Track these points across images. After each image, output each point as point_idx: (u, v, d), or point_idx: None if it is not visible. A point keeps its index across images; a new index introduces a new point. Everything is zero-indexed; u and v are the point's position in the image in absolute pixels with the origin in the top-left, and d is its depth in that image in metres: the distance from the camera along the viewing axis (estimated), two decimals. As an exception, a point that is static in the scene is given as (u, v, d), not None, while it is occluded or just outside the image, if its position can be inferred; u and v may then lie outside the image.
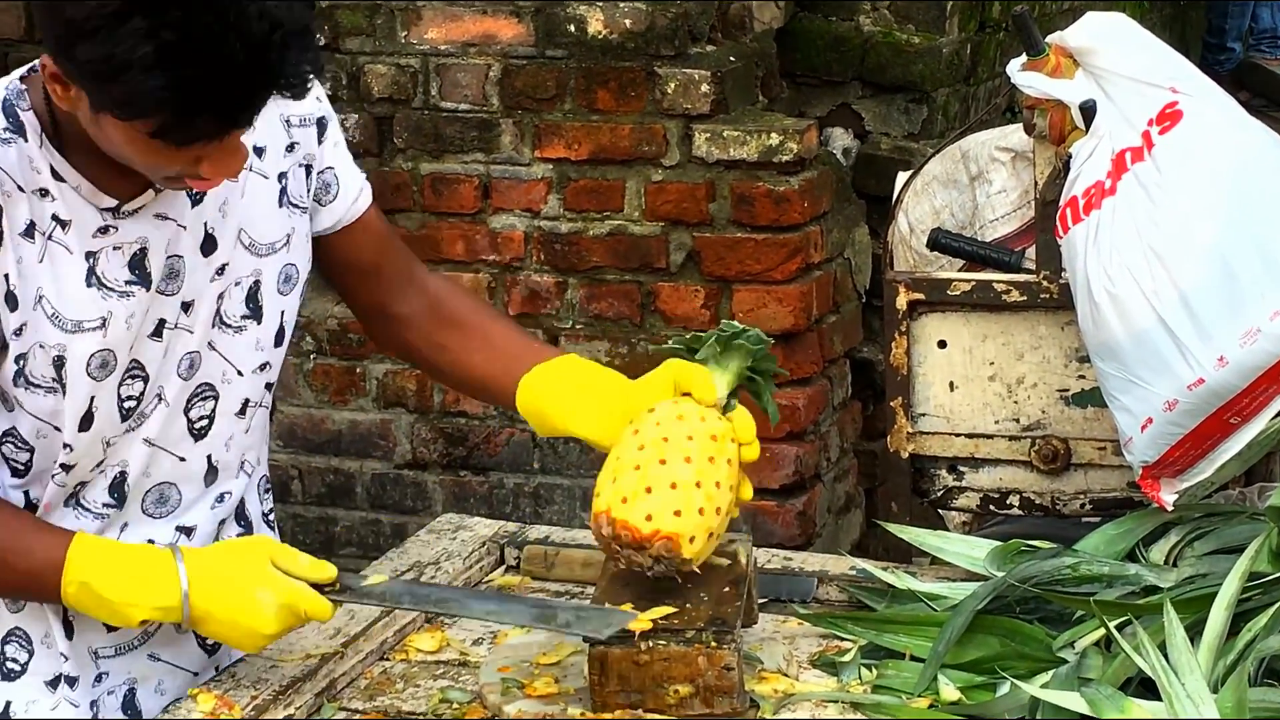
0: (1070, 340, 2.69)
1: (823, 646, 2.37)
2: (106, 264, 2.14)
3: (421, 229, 4.46)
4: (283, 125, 2.30)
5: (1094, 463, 2.71)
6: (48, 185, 2.10)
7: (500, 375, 2.40)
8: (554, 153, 4.36)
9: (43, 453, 2.17)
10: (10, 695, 2.22)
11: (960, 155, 2.86)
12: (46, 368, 2.12)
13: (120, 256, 2.15)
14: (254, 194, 2.27)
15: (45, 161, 2.10)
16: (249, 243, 2.27)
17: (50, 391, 2.14)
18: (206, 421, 2.28)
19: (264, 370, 2.32)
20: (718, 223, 4.26)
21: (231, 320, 2.27)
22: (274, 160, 2.29)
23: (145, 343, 2.18)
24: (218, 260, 2.24)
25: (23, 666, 2.22)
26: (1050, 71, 2.56)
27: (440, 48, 4.42)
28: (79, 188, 2.11)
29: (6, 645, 2.22)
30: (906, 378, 2.76)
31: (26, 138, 2.10)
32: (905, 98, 4.72)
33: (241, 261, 2.27)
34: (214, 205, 2.22)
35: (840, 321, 4.50)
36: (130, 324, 2.16)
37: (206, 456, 2.29)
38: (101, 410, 2.17)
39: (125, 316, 2.15)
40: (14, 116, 2.10)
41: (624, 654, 2.15)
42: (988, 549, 2.51)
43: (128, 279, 2.15)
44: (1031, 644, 2.28)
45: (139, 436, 2.22)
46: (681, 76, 4.26)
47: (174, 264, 2.19)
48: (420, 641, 2.43)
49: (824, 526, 4.46)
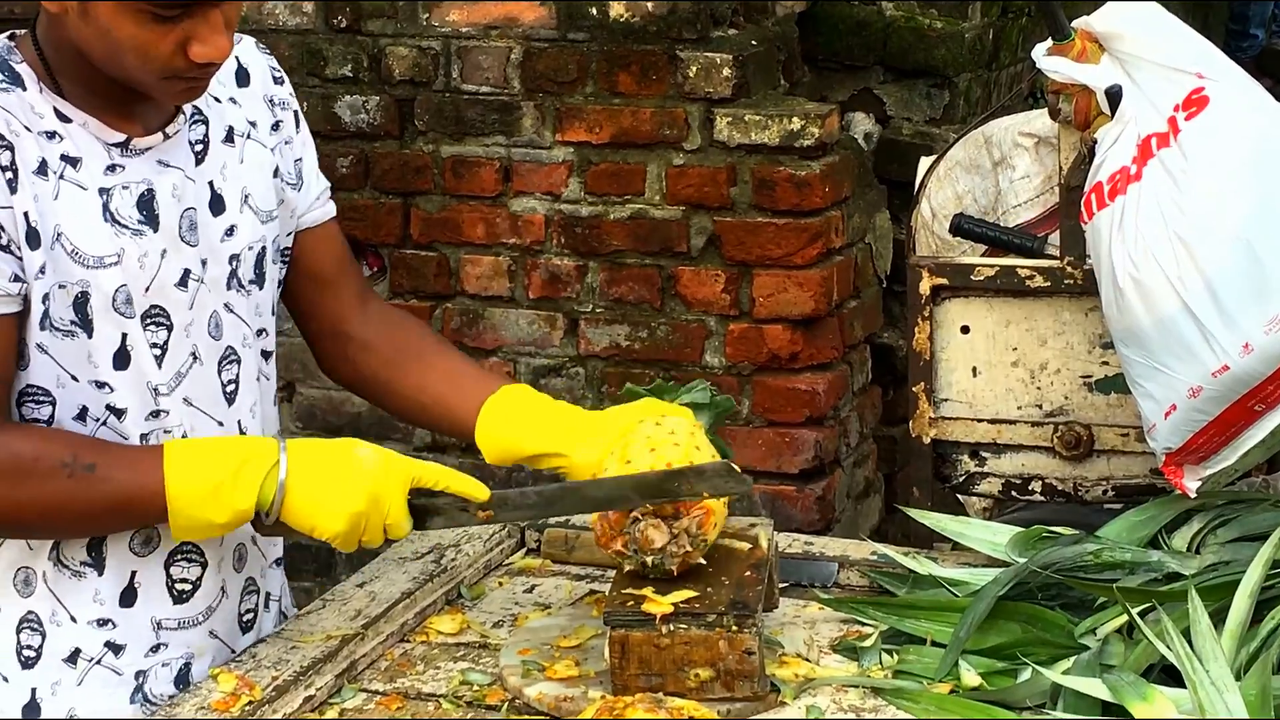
0: (1094, 326, 2.68)
1: (843, 631, 2.37)
2: (120, 201, 2.18)
3: (442, 211, 4.46)
4: (267, 104, 2.38)
5: (1117, 449, 2.70)
6: (54, 127, 2.15)
7: (460, 403, 2.41)
8: (575, 136, 4.35)
9: (65, 404, 2.17)
10: (33, 682, 2.22)
11: (983, 140, 2.85)
12: (66, 309, 2.14)
13: (130, 195, 2.19)
14: (252, 161, 2.34)
15: (48, 105, 2.15)
16: (255, 208, 2.32)
17: (68, 335, 2.15)
18: (234, 386, 2.30)
19: (261, 337, 2.36)
20: (739, 207, 4.26)
21: (245, 283, 2.31)
22: (264, 135, 2.36)
23: (169, 290, 2.21)
24: (227, 221, 2.28)
25: (38, 651, 2.22)
26: (1076, 56, 2.55)
27: (462, 30, 4.42)
28: (86, 124, 2.16)
29: (20, 633, 2.22)
30: (929, 363, 2.75)
31: (25, 86, 2.15)
32: (927, 83, 4.71)
33: (249, 225, 2.31)
34: (216, 166, 2.28)
35: (861, 307, 4.50)
36: (144, 264, 2.18)
37: (237, 422, 2.31)
38: (138, 350, 2.19)
39: (138, 255, 2.18)
40: (8, 69, 2.16)
41: (645, 637, 2.15)
42: (1009, 535, 2.50)
43: (138, 219, 2.19)
44: (1053, 630, 2.27)
45: (180, 395, 2.23)
46: (703, 60, 4.25)
47: (191, 216, 2.24)
48: (440, 623, 2.43)
49: (843, 512, 4.45)
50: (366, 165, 4.50)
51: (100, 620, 2.23)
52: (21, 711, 2.21)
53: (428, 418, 2.51)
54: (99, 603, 2.23)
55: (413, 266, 4.51)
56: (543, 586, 2.56)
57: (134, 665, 2.25)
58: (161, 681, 2.27)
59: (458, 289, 4.49)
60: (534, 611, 2.46)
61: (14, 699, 2.21)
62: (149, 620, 2.25)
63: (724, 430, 4.29)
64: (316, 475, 2.16)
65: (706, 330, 4.31)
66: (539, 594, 2.53)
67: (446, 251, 4.48)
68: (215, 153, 2.29)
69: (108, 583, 2.23)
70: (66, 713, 2.22)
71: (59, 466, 2.10)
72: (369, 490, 2.16)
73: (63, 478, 2.10)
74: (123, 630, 2.24)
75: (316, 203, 2.45)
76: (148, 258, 2.19)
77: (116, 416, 2.19)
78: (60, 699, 2.22)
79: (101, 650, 2.23)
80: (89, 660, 2.23)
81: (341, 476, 2.16)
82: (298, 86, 4.47)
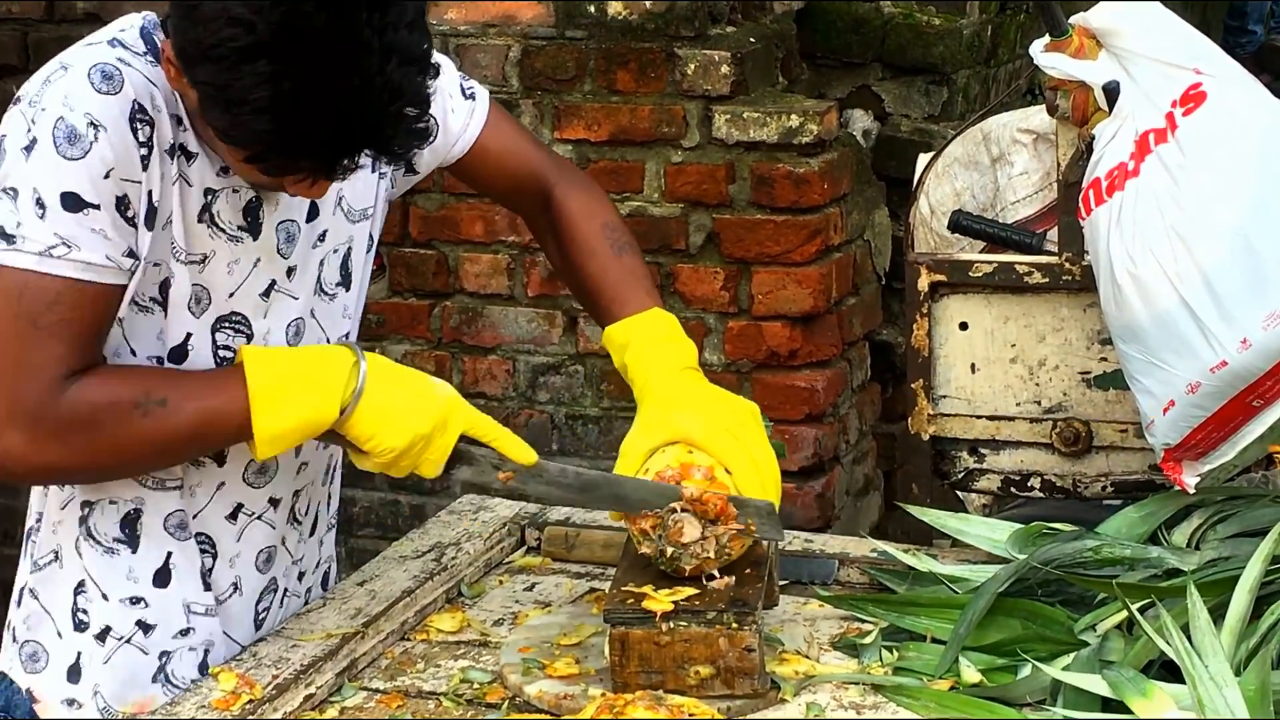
0: (1092, 322, 2.68)
1: (844, 628, 2.37)
2: (223, 205, 2.16)
3: (441, 209, 4.46)
4: None
5: (1115, 445, 2.70)
6: (181, 114, 2.12)
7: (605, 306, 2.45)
8: (574, 133, 4.35)
9: None
10: (80, 646, 2.24)
11: (981, 137, 2.86)
12: (152, 284, 2.14)
13: (237, 200, 2.17)
14: None
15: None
16: (347, 209, 2.32)
17: (145, 311, 2.15)
18: None
19: (346, 339, 2.35)
20: (737, 204, 4.26)
21: (329, 288, 2.31)
22: None
23: (253, 299, 2.21)
24: (319, 227, 2.28)
25: (88, 614, 2.23)
26: (1073, 53, 2.55)
27: (460, 28, 4.42)
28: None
29: (78, 596, 2.24)
30: (928, 359, 2.75)
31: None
32: (925, 79, 4.71)
33: (339, 228, 2.31)
34: None
35: (860, 303, 4.50)
36: (232, 270, 2.18)
37: None
38: (196, 349, 2.19)
39: (228, 260, 2.17)
40: (152, 44, 2.12)
41: (645, 635, 2.15)
42: (1009, 531, 2.50)
43: (240, 225, 2.18)
44: (1053, 626, 2.28)
45: None
46: (701, 58, 4.25)
47: (289, 228, 2.23)
48: (441, 622, 2.43)
49: (843, 509, 4.46)
50: (365, 164, 4.50)
51: (133, 598, 2.24)
52: (66, 673, 2.23)
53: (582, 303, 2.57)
54: (133, 580, 2.24)
55: (412, 264, 4.51)
56: (543, 585, 2.56)
57: (160, 645, 2.26)
58: (186, 665, 2.27)
59: (457, 287, 4.49)
60: (534, 609, 2.46)
61: (62, 658, 2.24)
62: (181, 602, 2.26)
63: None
64: (392, 388, 2.14)
65: (706, 327, 4.31)
66: (539, 592, 2.53)
67: (445, 249, 4.48)
68: None
69: (142, 560, 2.24)
70: (91, 688, 2.23)
71: (131, 408, 2.08)
72: (437, 416, 2.15)
73: (137, 418, 2.08)
74: (154, 609, 2.25)
75: (467, 126, 2.45)
76: (239, 264, 2.18)
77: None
78: (90, 673, 2.24)
79: (132, 629, 2.24)
80: (118, 639, 2.24)
81: (414, 395, 2.15)
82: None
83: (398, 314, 4.54)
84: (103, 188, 2.04)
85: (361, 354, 2.15)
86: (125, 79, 2.06)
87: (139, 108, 2.06)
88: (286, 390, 2.11)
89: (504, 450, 2.22)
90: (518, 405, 4.50)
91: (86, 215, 2.04)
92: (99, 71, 2.05)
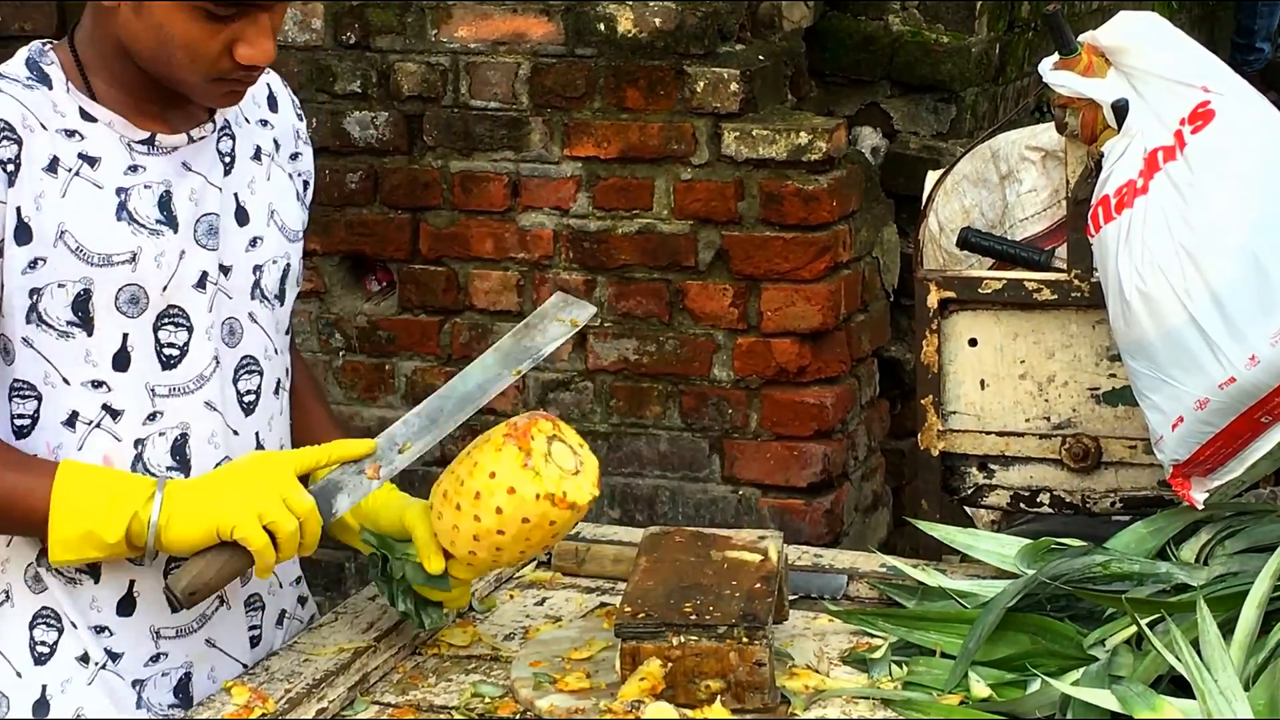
0: (1101, 339, 2.69)
1: (853, 643, 2.38)
2: (138, 200, 2.21)
3: (451, 227, 4.48)
4: (293, 135, 2.44)
5: (1125, 461, 2.71)
6: (75, 126, 2.19)
7: None
8: (583, 151, 4.37)
9: (52, 404, 2.19)
10: (44, 679, 2.23)
11: (990, 154, 2.87)
12: (64, 308, 2.17)
13: (151, 195, 2.22)
14: (279, 182, 2.38)
15: (73, 104, 2.19)
16: (281, 224, 2.36)
17: (64, 336, 2.17)
18: (253, 396, 2.31)
19: (280, 354, 2.38)
20: (746, 221, 4.27)
21: (270, 295, 2.32)
22: (285, 162, 2.41)
23: (187, 291, 2.24)
24: (251, 232, 2.31)
25: (52, 647, 2.23)
26: (1082, 70, 2.56)
27: (470, 46, 4.43)
28: (111, 124, 2.20)
29: (35, 629, 2.23)
30: (937, 376, 2.76)
31: (51, 86, 2.19)
32: (934, 97, 4.72)
33: (275, 241, 2.35)
34: (243, 180, 2.31)
35: (868, 320, 4.51)
36: (160, 263, 2.21)
37: (255, 433, 2.32)
38: (139, 350, 2.21)
39: (155, 254, 2.21)
40: (37, 69, 2.21)
41: (655, 649, 2.16)
42: (1018, 547, 2.51)
43: (157, 218, 2.22)
44: (1062, 641, 2.28)
45: (200, 399, 2.24)
46: (711, 75, 4.27)
47: (211, 221, 2.26)
48: (452, 636, 2.44)
49: (851, 525, 4.46)
50: (375, 181, 4.52)
51: (98, 627, 2.24)
52: (32, 709, 2.22)
53: None
54: (96, 609, 2.24)
55: (422, 281, 4.52)
56: (553, 599, 2.57)
57: (132, 674, 2.26)
58: (160, 691, 2.27)
59: (466, 304, 4.50)
60: (545, 624, 2.47)
61: (25, 696, 2.23)
62: (148, 629, 2.26)
63: (732, 443, 4.32)
64: (185, 503, 2.14)
65: (715, 344, 4.32)
66: (550, 607, 2.54)
67: (455, 266, 4.50)
68: (242, 167, 2.32)
69: (105, 590, 2.24)
70: (74, 712, 2.23)
71: None
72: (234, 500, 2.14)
73: None
74: (120, 638, 2.25)
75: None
76: (165, 256, 2.21)
77: (113, 417, 2.21)
78: (69, 697, 2.23)
79: (102, 657, 2.24)
80: (97, 665, 2.24)
81: (211, 493, 2.15)
82: (306, 103, 4.51)
83: (407, 331, 4.55)
84: None
85: (162, 484, 2.15)
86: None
87: (3, 127, 2.13)
88: (84, 499, 2.12)
89: (342, 456, 2.23)
90: (527, 421, 4.50)
91: None
92: None
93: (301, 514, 2.16)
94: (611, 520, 4.31)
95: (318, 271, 4.57)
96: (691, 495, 4.36)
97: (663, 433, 4.38)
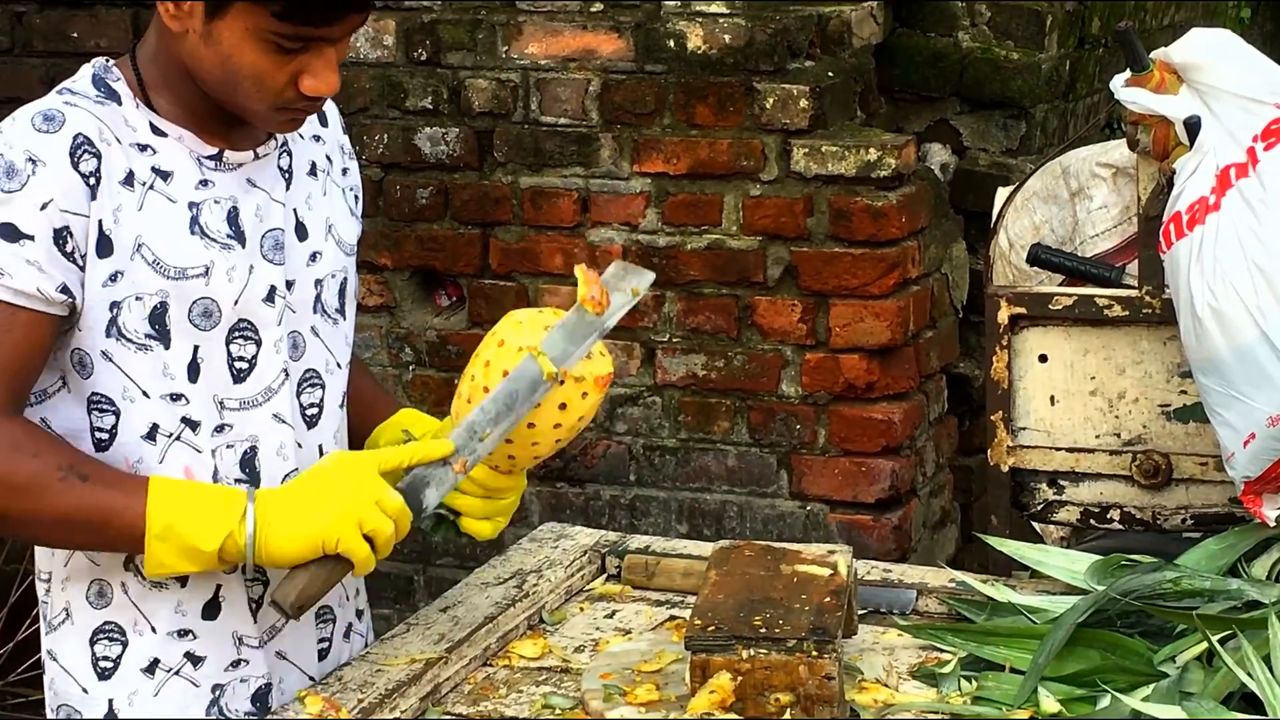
0: (1172, 355, 2.68)
1: (922, 658, 2.38)
2: (209, 215, 2.23)
3: (520, 242, 4.50)
4: (340, 150, 2.46)
5: (1195, 478, 2.70)
6: (147, 140, 2.22)
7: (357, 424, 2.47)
8: (652, 167, 4.38)
9: (131, 418, 2.21)
10: (110, 693, 2.26)
11: (1061, 171, 2.87)
12: (142, 321, 2.19)
13: (220, 210, 2.24)
14: (334, 195, 2.41)
15: (143, 119, 2.22)
16: (338, 239, 2.38)
17: (142, 349, 2.20)
18: (316, 410, 2.33)
19: (342, 369, 2.40)
20: (815, 237, 4.27)
21: (330, 310, 2.34)
22: (338, 177, 2.43)
23: (257, 305, 2.26)
24: (311, 247, 2.34)
25: (116, 661, 2.26)
26: (1154, 87, 2.56)
27: (540, 62, 4.46)
28: (181, 139, 2.23)
29: (95, 645, 2.26)
30: (1007, 392, 2.76)
31: (120, 101, 2.22)
32: (1004, 113, 4.72)
33: (333, 255, 2.38)
34: (301, 196, 2.34)
35: (937, 336, 4.51)
36: (232, 277, 2.23)
37: (318, 446, 2.34)
38: (209, 364, 2.23)
39: (226, 268, 2.23)
40: (104, 86, 2.23)
41: (725, 661, 2.17)
42: (1088, 563, 2.51)
43: (227, 233, 2.24)
44: (1132, 657, 2.28)
45: (269, 411, 2.27)
46: (780, 92, 4.28)
47: (276, 236, 2.29)
48: (523, 648, 2.46)
49: (919, 541, 4.46)
50: (446, 196, 4.55)
51: (181, 630, 2.26)
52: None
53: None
54: (180, 613, 2.26)
55: (491, 296, 4.54)
56: (623, 612, 2.58)
57: (212, 678, 2.28)
58: (239, 698, 2.30)
59: (536, 319, 4.52)
60: (615, 636, 2.48)
61: (92, 710, 2.26)
62: (230, 634, 2.29)
63: (800, 459, 4.32)
64: (281, 516, 2.15)
65: (783, 360, 4.33)
66: (619, 619, 2.55)
67: (525, 281, 4.52)
68: (300, 183, 2.34)
69: (191, 594, 2.26)
70: None
71: (56, 468, 2.12)
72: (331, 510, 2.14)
73: (57, 479, 2.12)
74: (204, 642, 2.27)
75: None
76: (235, 271, 2.24)
77: (191, 429, 2.23)
78: (136, 709, 2.26)
79: (180, 661, 2.27)
80: (167, 670, 2.26)
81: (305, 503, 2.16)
82: (378, 119, 4.56)
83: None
84: (39, 219, 2.12)
85: (252, 496, 2.17)
86: (67, 118, 2.16)
87: (82, 141, 2.15)
88: (179, 515, 2.13)
89: (424, 458, 2.23)
90: (595, 436, 4.52)
91: (22, 246, 2.12)
92: (41, 115, 2.16)
93: (394, 515, 2.17)
94: (679, 534, 4.33)
95: (388, 286, 4.60)
96: (759, 510, 4.36)
97: (731, 448, 4.38)
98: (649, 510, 4.50)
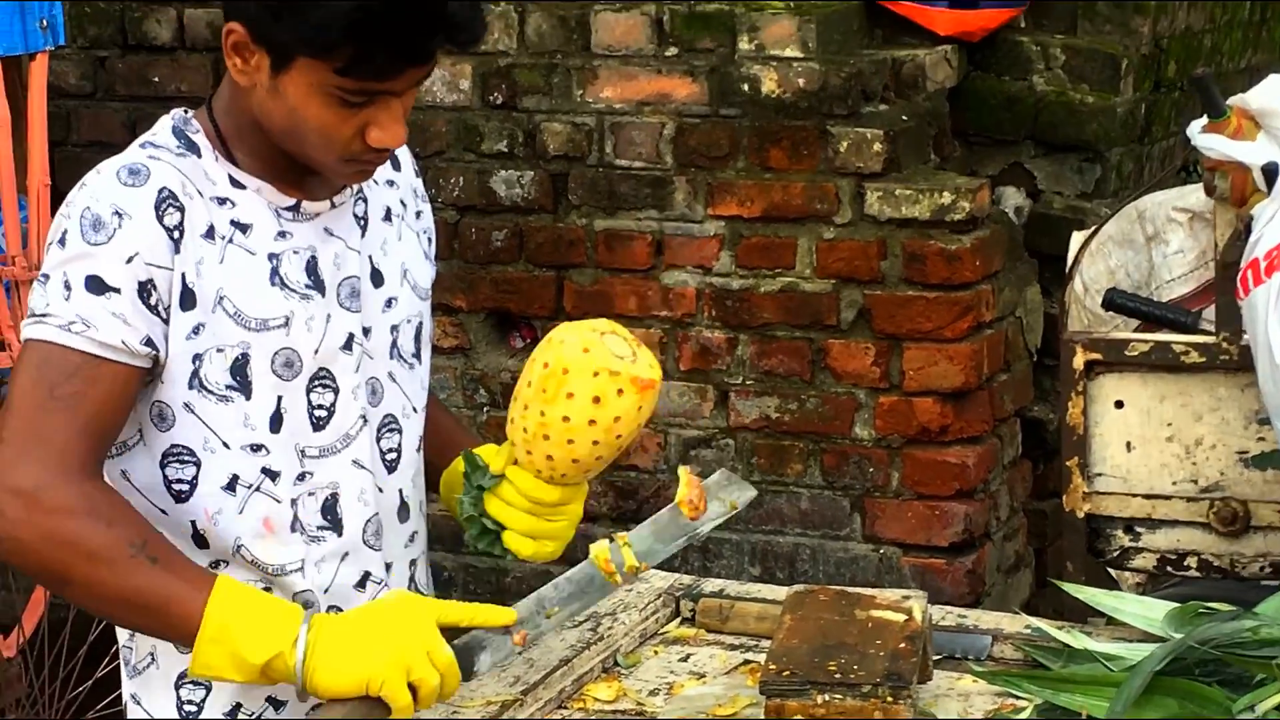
0: (1250, 402, 2.67)
1: (998, 705, 2.37)
2: (288, 265, 2.24)
3: (594, 284, 4.52)
4: (413, 194, 2.46)
5: (1274, 525, 2.69)
6: (226, 194, 2.23)
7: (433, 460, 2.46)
8: (726, 210, 4.40)
9: (212, 469, 2.22)
10: None
11: (1136, 215, 2.87)
12: (223, 373, 2.20)
13: (299, 260, 2.25)
14: (408, 240, 2.41)
15: (222, 172, 2.23)
16: (413, 284, 2.39)
17: (223, 400, 2.21)
18: (395, 454, 2.34)
19: (419, 414, 2.40)
20: (889, 280, 4.28)
21: (406, 355, 2.36)
22: (412, 220, 2.44)
23: (336, 354, 2.27)
24: (386, 293, 2.35)
25: (199, 704, 2.27)
26: (1232, 133, 2.56)
27: (615, 106, 4.49)
28: (259, 190, 2.24)
29: (180, 689, 2.27)
30: (1083, 437, 2.76)
31: (200, 154, 2.23)
32: (1078, 157, 4.71)
33: (408, 300, 2.38)
34: (376, 241, 2.35)
35: (1011, 380, 4.50)
36: (311, 327, 2.24)
37: (398, 490, 2.35)
38: (291, 414, 2.24)
39: (305, 318, 2.24)
40: (184, 138, 2.24)
41: (800, 706, 2.17)
42: (1165, 610, 2.49)
43: (306, 283, 2.25)
44: (1211, 707, 2.26)
45: (348, 458, 2.29)
46: (854, 135, 4.29)
47: (353, 284, 2.30)
48: (598, 691, 2.46)
49: (993, 585, 4.44)
50: (521, 238, 4.58)
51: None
52: None
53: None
54: None
55: (565, 338, 4.56)
56: (697, 655, 2.58)
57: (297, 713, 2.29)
58: None
59: (609, 361, 4.53)
60: (689, 680, 2.48)
61: None
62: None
63: (873, 502, 4.32)
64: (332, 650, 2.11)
65: (856, 402, 4.33)
66: (694, 663, 2.55)
67: (599, 324, 4.54)
68: (375, 229, 2.36)
69: None
70: None
71: (128, 543, 2.10)
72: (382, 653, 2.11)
73: (128, 555, 2.10)
74: (285, 687, 2.27)
75: None
76: (314, 320, 2.25)
77: (272, 480, 2.24)
78: None
79: (262, 705, 2.28)
80: (249, 715, 2.28)
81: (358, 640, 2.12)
82: (454, 161, 4.60)
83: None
84: (125, 272, 2.13)
85: (308, 620, 2.12)
86: (152, 172, 2.17)
87: (167, 195, 2.16)
88: (236, 622, 2.10)
89: (485, 623, 2.20)
90: (668, 479, 4.53)
91: (108, 299, 2.13)
92: (126, 170, 2.17)
93: (443, 669, 2.14)
94: (752, 577, 4.32)
95: (463, 328, 4.63)
96: (832, 554, 4.36)
97: (804, 491, 4.38)
98: (722, 553, 4.50)
